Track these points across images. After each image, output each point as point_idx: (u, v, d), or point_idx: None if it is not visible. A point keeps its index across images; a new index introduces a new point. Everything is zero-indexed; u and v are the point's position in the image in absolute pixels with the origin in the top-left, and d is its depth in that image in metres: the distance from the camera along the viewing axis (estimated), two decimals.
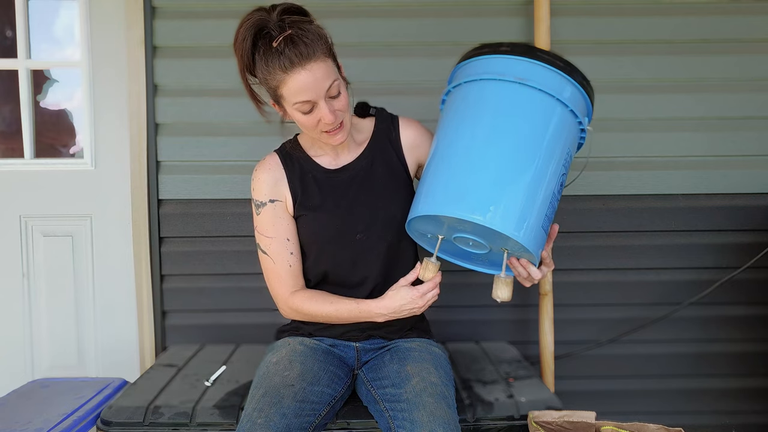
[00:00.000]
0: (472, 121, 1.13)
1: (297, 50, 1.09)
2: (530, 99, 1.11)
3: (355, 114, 1.41)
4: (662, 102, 1.91)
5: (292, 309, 1.33)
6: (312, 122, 1.18)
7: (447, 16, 1.89)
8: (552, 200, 1.11)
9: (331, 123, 1.17)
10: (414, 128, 1.37)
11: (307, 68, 1.10)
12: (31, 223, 2.03)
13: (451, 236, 1.17)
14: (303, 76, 1.11)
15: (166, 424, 1.36)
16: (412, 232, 1.25)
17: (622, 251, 1.95)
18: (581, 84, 1.15)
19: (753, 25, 1.89)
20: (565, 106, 1.13)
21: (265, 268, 1.35)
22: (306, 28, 1.12)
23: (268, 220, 1.32)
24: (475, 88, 1.17)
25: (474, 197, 1.06)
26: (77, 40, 2.01)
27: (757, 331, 1.97)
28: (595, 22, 1.89)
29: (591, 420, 1.32)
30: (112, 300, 2.05)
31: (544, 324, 1.85)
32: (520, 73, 1.12)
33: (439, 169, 1.14)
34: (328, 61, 1.14)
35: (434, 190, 1.12)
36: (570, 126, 1.15)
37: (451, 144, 1.14)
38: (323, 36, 1.15)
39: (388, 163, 1.34)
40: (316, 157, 1.36)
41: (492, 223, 1.03)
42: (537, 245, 1.10)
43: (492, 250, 1.17)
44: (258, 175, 1.34)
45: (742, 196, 1.93)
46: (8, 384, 2.00)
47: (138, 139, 1.90)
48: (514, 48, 1.14)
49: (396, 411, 1.14)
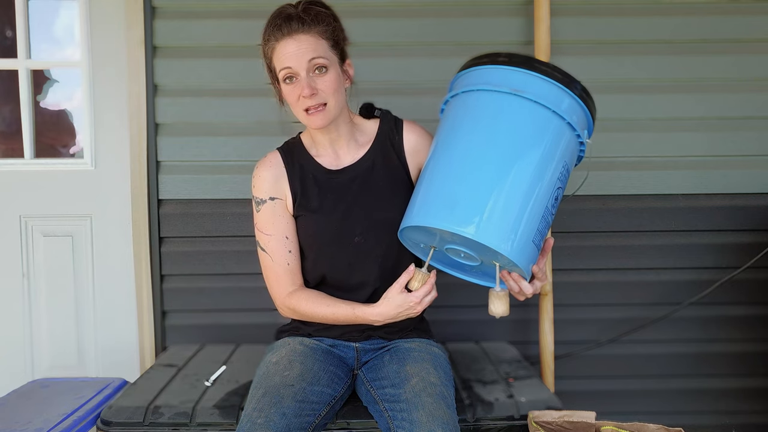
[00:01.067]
0: (464, 132, 1.12)
1: (291, 24, 1.19)
2: (525, 111, 1.09)
3: (360, 115, 1.41)
4: (662, 102, 1.91)
5: (290, 308, 1.33)
6: (294, 96, 1.22)
7: (447, 16, 1.89)
8: (545, 214, 1.10)
9: (307, 97, 1.19)
10: (417, 133, 1.37)
11: (294, 38, 1.19)
12: (31, 223, 2.03)
13: (443, 247, 1.17)
14: (289, 44, 1.19)
15: (166, 424, 1.36)
16: (406, 241, 1.25)
17: (622, 251, 1.95)
18: (581, 96, 1.12)
19: (753, 25, 1.89)
20: (562, 119, 1.10)
21: (264, 265, 1.36)
22: (313, 10, 1.21)
23: (267, 217, 1.33)
24: (469, 98, 1.16)
25: (462, 210, 1.05)
26: (77, 40, 2.01)
27: (757, 331, 1.97)
28: (595, 22, 1.89)
29: (591, 420, 1.32)
30: (112, 300, 2.05)
31: (544, 324, 1.85)
32: (516, 85, 1.10)
33: (431, 179, 1.14)
34: (321, 41, 1.21)
35: (424, 200, 1.12)
36: (567, 139, 1.12)
37: (444, 154, 1.14)
38: (328, 23, 1.22)
39: (390, 166, 1.34)
40: (317, 156, 1.36)
41: (479, 236, 1.03)
42: (527, 260, 1.09)
43: (483, 262, 1.16)
44: (259, 172, 1.35)
45: (742, 196, 1.93)
46: (8, 384, 1.99)
47: (138, 139, 1.90)
48: (511, 58, 1.13)
49: (395, 411, 1.14)
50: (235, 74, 1.90)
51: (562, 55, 1.86)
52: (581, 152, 1.19)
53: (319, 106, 1.21)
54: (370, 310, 1.23)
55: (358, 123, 1.38)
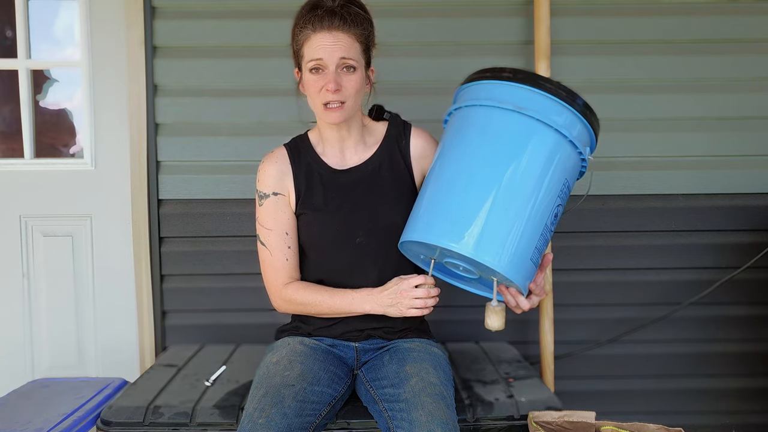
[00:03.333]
0: (464, 147, 1.13)
1: (332, 19, 1.20)
2: (526, 128, 1.09)
3: (370, 116, 1.42)
4: (662, 102, 1.91)
5: (285, 299, 1.34)
6: (317, 86, 1.23)
7: (447, 16, 1.89)
8: (544, 232, 1.10)
9: (332, 91, 1.20)
10: (424, 138, 1.38)
11: (332, 33, 1.20)
12: (31, 223, 2.03)
13: (443, 260, 1.18)
14: (326, 38, 1.20)
15: (166, 424, 1.36)
16: (406, 252, 1.26)
17: (622, 251, 1.95)
18: (583, 114, 1.12)
19: (752, 25, 1.89)
20: (563, 136, 1.09)
21: (262, 259, 1.36)
22: (354, 11, 1.22)
23: (269, 211, 1.34)
24: (471, 113, 1.16)
25: (460, 227, 1.06)
26: (77, 40, 2.01)
27: (757, 331, 1.97)
28: (595, 22, 1.89)
29: (591, 420, 1.32)
30: (112, 300, 2.05)
31: (544, 324, 1.85)
32: (518, 101, 1.10)
33: (432, 194, 1.14)
34: (355, 43, 1.23)
35: (424, 215, 1.13)
36: (568, 156, 1.12)
37: (444, 169, 1.14)
38: (365, 26, 1.25)
39: (395, 169, 1.34)
40: (323, 155, 1.36)
41: (477, 255, 1.04)
42: (524, 277, 1.09)
43: (482, 277, 1.17)
44: (264, 167, 1.36)
45: (742, 196, 1.93)
46: (8, 384, 1.99)
47: (138, 139, 1.90)
48: (515, 75, 1.12)
49: (395, 411, 1.14)
50: (235, 74, 1.90)
51: (562, 55, 1.87)
52: (583, 168, 1.19)
53: (339, 103, 1.23)
54: (364, 294, 1.26)
55: (367, 124, 1.39)
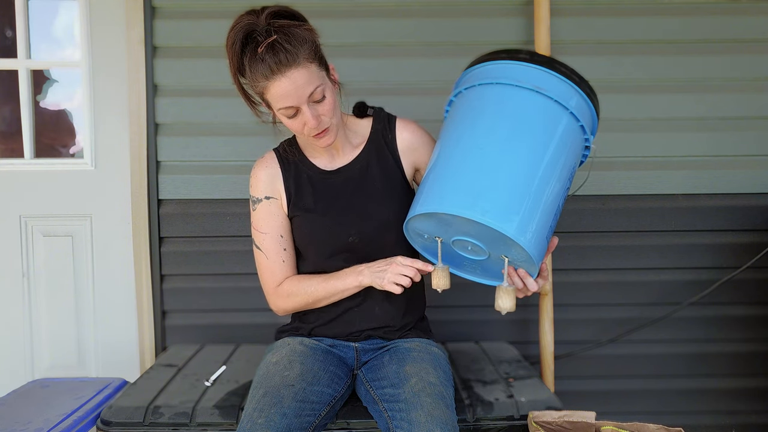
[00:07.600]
0: (482, 122, 1.13)
1: (277, 58, 1.10)
2: (544, 107, 1.12)
3: (353, 114, 1.40)
4: (662, 102, 1.91)
5: (283, 295, 1.34)
6: (298, 126, 1.20)
7: (447, 16, 1.89)
8: (557, 211, 1.11)
9: (314, 127, 1.18)
10: (411, 130, 1.36)
11: (287, 75, 1.11)
12: (31, 223, 2.03)
13: (451, 239, 1.16)
14: (283, 84, 1.12)
15: (166, 424, 1.36)
16: (409, 232, 1.24)
17: (622, 251, 1.95)
18: (591, 101, 1.17)
19: (753, 25, 1.89)
20: (576, 120, 1.13)
21: (259, 263, 1.37)
22: (291, 32, 1.12)
23: (262, 216, 1.34)
24: (487, 91, 1.16)
25: (489, 201, 1.04)
26: (77, 40, 2.01)
27: (757, 331, 1.97)
28: (595, 22, 1.89)
29: (591, 420, 1.32)
30: (112, 300, 2.05)
31: (544, 324, 1.85)
32: (537, 82, 1.13)
33: (450, 167, 1.12)
34: (311, 66, 1.14)
35: (444, 188, 1.10)
36: (578, 140, 1.16)
37: (464, 144, 1.13)
38: (309, 40, 1.14)
39: (384, 166, 1.34)
40: (312, 157, 1.36)
41: (505, 228, 1.02)
42: (540, 254, 1.09)
43: (491, 256, 1.15)
44: (255, 171, 1.36)
45: (742, 196, 1.93)
46: (8, 384, 2.00)
47: (138, 139, 1.90)
48: (533, 57, 1.16)
49: (394, 411, 1.14)
50: None
51: (562, 55, 1.86)
52: (584, 156, 1.22)
53: (324, 129, 1.21)
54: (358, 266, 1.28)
55: (351, 124, 1.37)
